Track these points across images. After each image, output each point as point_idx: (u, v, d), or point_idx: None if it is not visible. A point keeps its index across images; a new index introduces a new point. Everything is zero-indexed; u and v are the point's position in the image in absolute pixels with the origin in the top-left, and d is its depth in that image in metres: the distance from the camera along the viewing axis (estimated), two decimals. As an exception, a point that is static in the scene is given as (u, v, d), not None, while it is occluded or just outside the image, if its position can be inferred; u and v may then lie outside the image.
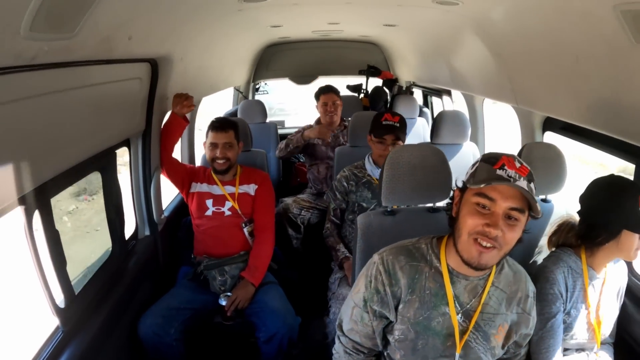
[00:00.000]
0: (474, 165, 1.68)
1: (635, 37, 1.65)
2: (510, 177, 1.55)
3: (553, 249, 2.23)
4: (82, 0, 1.55)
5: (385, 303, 1.79)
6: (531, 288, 1.87)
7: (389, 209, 2.35)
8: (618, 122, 2.06)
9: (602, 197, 2.03)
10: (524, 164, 1.61)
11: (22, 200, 1.83)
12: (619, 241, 2.00)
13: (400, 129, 3.13)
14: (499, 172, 1.57)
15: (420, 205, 2.41)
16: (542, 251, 2.39)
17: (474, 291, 1.77)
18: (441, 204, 2.32)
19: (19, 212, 1.88)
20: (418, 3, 3.01)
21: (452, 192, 1.81)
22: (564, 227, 2.22)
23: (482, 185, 1.57)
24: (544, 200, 2.56)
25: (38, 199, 1.95)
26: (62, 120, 1.92)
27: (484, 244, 1.59)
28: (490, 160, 1.61)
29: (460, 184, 1.73)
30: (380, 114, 3.21)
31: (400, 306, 1.78)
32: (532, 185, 1.58)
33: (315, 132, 4.53)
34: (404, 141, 3.19)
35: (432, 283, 1.76)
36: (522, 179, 1.56)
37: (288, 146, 4.57)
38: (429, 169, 2.20)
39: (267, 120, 5.47)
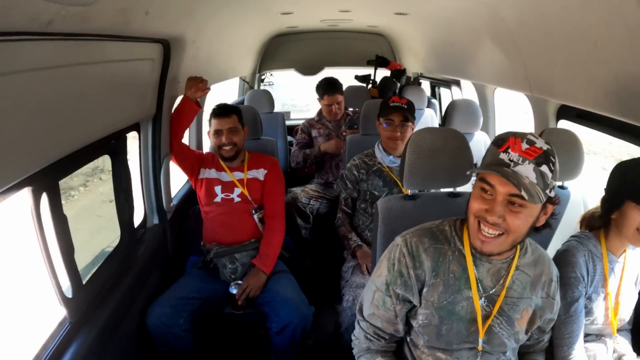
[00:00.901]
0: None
1: (656, 19, 1.62)
2: (512, 161, 1.51)
3: (574, 234, 2.19)
4: None
5: (409, 286, 1.76)
6: (555, 272, 1.84)
7: (410, 193, 2.31)
8: (636, 108, 2.03)
9: (617, 170, 2.02)
10: (538, 144, 1.54)
11: (29, 181, 1.78)
12: (621, 213, 1.97)
13: (408, 110, 3.12)
14: (501, 155, 1.53)
15: (441, 190, 2.38)
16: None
17: (497, 275, 1.74)
18: (462, 189, 2.30)
19: (26, 194, 1.83)
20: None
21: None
22: (594, 208, 2.20)
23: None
24: (561, 187, 2.54)
25: (46, 180, 1.90)
26: (73, 96, 1.86)
27: (486, 231, 1.59)
28: (498, 142, 1.58)
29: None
30: (388, 98, 3.22)
31: (425, 290, 1.75)
32: (543, 168, 1.51)
33: (331, 146, 4.51)
34: (413, 124, 3.19)
35: (456, 266, 1.73)
36: (526, 162, 1.50)
37: (306, 161, 4.60)
38: (451, 152, 2.16)
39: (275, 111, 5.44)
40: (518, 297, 1.75)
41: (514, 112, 7.82)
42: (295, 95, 14.02)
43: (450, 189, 2.32)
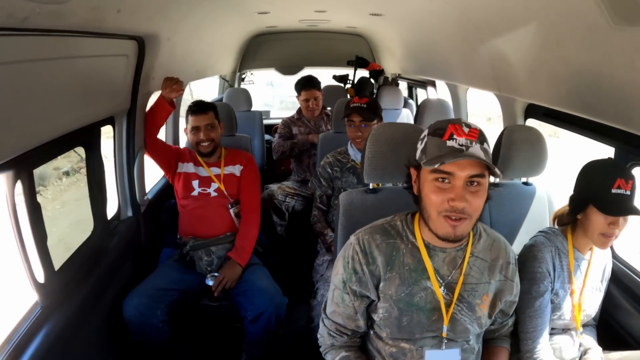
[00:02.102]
0: (422, 139, 1.67)
1: (612, 18, 1.68)
2: (462, 145, 1.53)
3: (542, 229, 2.24)
4: None
5: (364, 282, 1.77)
6: (512, 255, 1.85)
7: (370, 187, 2.35)
8: (597, 105, 2.09)
9: (584, 171, 2.06)
10: (472, 125, 1.59)
11: (3, 168, 1.83)
12: (585, 215, 2.02)
13: (368, 109, 3.19)
14: (449, 143, 1.54)
15: (402, 184, 2.42)
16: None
17: (453, 263, 1.75)
18: None
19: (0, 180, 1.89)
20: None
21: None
22: (567, 205, 2.22)
23: (436, 166, 1.52)
24: (525, 184, 2.56)
25: (20, 168, 1.95)
26: (48, 89, 1.92)
27: (455, 217, 1.57)
28: (438, 132, 1.58)
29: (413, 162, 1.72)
30: (351, 99, 3.29)
31: (381, 285, 1.77)
32: (485, 145, 1.56)
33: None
34: (380, 121, 3.26)
35: (410, 259, 1.75)
36: (474, 143, 1.54)
37: (293, 150, 4.60)
38: (412, 146, 2.12)
39: (254, 109, 5.46)
40: (476, 283, 1.77)
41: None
42: (294, 93, 14.15)
43: None
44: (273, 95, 15.92)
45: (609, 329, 2.36)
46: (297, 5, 4.40)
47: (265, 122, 5.72)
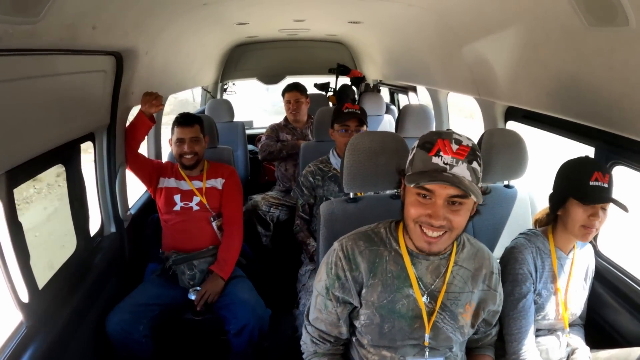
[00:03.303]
0: (412, 150, 1.66)
1: (587, 20, 1.71)
2: (447, 164, 1.51)
3: (522, 232, 2.26)
4: None
5: (346, 289, 1.77)
6: (495, 265, 1.86)
7: (351, 196, 2.35)
8: (576, 106, 2.12)
9: (561, 169, 2.10)
10: (464, 142, 1.56)
11: None
12: (565, 210, 2.06)
13: (362, 115, 3.22)
14: (434, 160, 1.53)
15: (383, 193, 2.42)
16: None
17: (436, 271, 1.76)
18: None
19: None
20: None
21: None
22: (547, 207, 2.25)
23: (412, 185, 1.53)
24: (507, 186, 2.58)
25: (0, 188, 1.92)
26: (26, 109, 1.91)
27: (430, 233, 1.58)
28: (426, 146, 1.57)
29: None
30: (341, 105, 3.29)
31: (364, 291, 1.77)
32: (474, 164, 1.54)
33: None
34: (366, 127, 3.28)
35: (393, 266, 1.75)
36: (460, 162, 1.52)
37: (281, 151, 4.57)
38: (391, 155, 2.18)
39: (236, 119, 5.43)
40: (459, 292, 1.77)
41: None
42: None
43: (393, 191, 2.37)
44: (267, 99, 16.29)
45: (596, 327, 2.37)
46: (275, 15, 4.40)
47: (249, 132, 5.71)
